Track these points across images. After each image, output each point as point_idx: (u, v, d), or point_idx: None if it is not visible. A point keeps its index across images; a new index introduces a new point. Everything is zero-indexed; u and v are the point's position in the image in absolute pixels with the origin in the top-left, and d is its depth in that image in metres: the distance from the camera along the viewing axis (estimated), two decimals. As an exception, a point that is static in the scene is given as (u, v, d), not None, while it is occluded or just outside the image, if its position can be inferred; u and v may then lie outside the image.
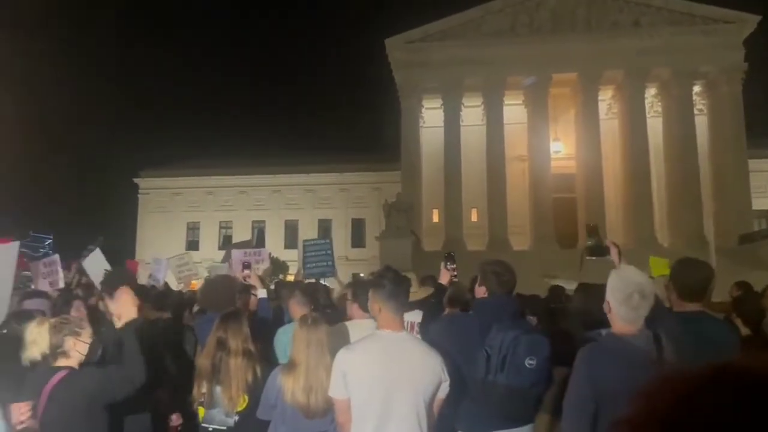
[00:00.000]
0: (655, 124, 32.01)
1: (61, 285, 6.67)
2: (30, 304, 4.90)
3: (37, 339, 3.22)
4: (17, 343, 3.26)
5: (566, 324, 4.62)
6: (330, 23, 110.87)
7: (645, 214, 29.97)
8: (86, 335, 3.35)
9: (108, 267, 6.19)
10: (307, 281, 8.32)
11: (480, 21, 31.94)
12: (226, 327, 3.91)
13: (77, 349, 3.30)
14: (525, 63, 30.43)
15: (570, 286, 8.40)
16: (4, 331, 3.76)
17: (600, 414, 2.61)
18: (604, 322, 2.97)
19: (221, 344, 3.85)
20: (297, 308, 4.88)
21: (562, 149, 33.00)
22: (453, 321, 4.20)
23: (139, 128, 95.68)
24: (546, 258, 25.07)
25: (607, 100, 33.57)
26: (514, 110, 32.94)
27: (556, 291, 7.17)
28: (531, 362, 3.32)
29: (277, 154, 46.01)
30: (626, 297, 2.76)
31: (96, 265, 6.48)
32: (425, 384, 3.02)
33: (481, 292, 3.83)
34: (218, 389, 3.82)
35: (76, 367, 3.28)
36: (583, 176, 31.42)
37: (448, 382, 3.09)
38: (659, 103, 33.12)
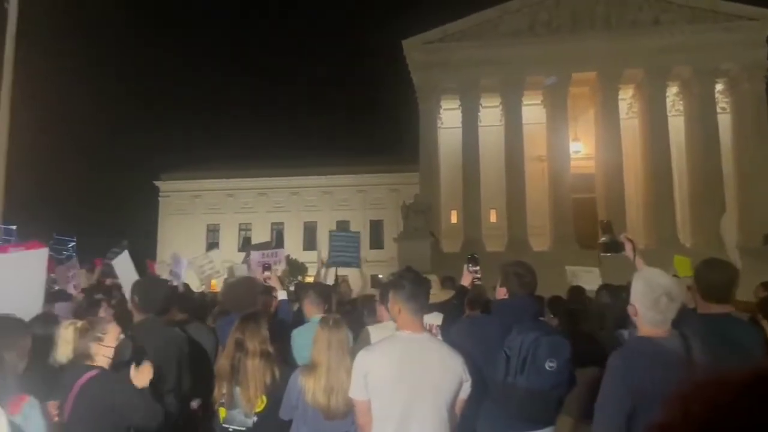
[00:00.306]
0: (676, 123, 31.59)
1: (84, 286, 6.77)
2: (57, 308, 5.02)
3: (65, 341, 3.28)
4: (46, 344, 3.32)
5: (588, 325, 4.58)
6: (347, 25, 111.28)
7: (666, 214, 29.59)
8: (110, 338, 3.40)
9: (135, 274, 6.26)
10: (325, 279, 8.33)
11: (498, 21, 31.80)
12: (244, 328, 3.94)
13: (102, 353, 3.35)
14: (544, 62, 30.22)
15: (591, 285, 8.31)
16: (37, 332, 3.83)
17: (634, 416, 2.58)
18: (625, 323, 2.94)
19: (239, 345, 3.88)
20: (311, 308, 4.90)
21: (582, 149, 32.72)
22: (474, 323, 4.19)
23: (160, 131, 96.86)
24: (566, 259, 24.78)
25: (627, 99, 33.20)
26: (533, 110, 32.73)
27: (578, 292, 7.11)
28: (551, 364, 3.29)
29: (296, 156, 46.28)
30: (654, 301, 2.72)
31: (126, 267, 6.54)
32: (446, 385, 3.01)
33: (501, 293, 3.80)
34: (237, 390, 3.85)
35: (105, 367, 3.34)
36: (603, 176, 31.12)
37: (469, 383, 3.07)
38: (680, 102, 32.68)
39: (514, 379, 3.30)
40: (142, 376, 3.36)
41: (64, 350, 3.32)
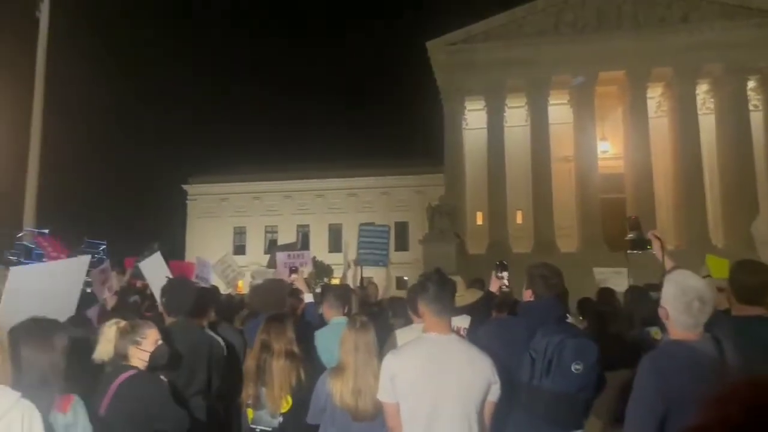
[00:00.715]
0: (707, 121, 30.93)
1: (116, 288, 6.90)
2: (89, 311, 5.15)
3: (107, 340, 3.36)
4: (80, 344, 3.40)
5: (617, 327, 4.52)
6: (371, 27, 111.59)
7: (697, 215, 29.00)
8: (148, 343, 3.46)
9: (165, 276, 6.35)
10: (354, 281, 8.34)
11: (523, 21, 31.56)
12: (270, 329, 3.99)
13: (138, 356, 3.42)
14: (570, 62, 29.89)
15: (620, 286, 8.19)
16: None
17: (668, 420, 2.54)
18: (654, 322, 2.89)
19: (265, 346, 3.93)
20: (330, 311, 4.93)
21: (610, 149, 32.27)
22: (501, 325, 4.17)
23: (188, 136, 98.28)
24: (594, 260, 24.43)
25: (656, 97, 32.64)
26: (559, 110, 32.40)
27: (607, 293, 7.01)
28: (577, 367, 3.24)
29: (321, 159, 46.59)
30: (686, 305, 2.69)
31: (155, 269, 6.62)
32: (474, 387, 3.00)
33: (527, 295, 3.77)
34: (263, 391, 3.89)
35: (142, 368, 3.41)
36: (632, 176, 30.64)
37: (498, 385, 3.06)
38: (711, 100, 31.99)
39: (540, 382, 3.27)
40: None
41: (104, 349, 3.40)
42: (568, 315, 4.59)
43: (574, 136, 31.79)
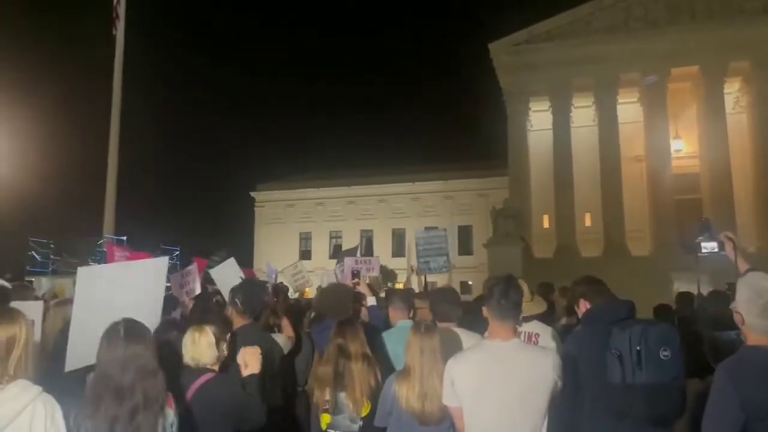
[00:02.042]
0: (791, 117, 29.08)
1: (198, 291, 7.13)
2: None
3: (198, 345, 3.46)
4: (167, 347, 3.49)
5: (697, 332, 4.32)
6: (433, 30, 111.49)
7: (782, 215, 27.32)
8: (228, 344, 3.61)
9: (242, 275, 6.51)
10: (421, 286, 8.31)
11: (589, 18, 30.72)
12: (345, 333, 4.02)
13: (222, 357, 3.55)
14: (640, 59, 28.84)
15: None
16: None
17: (747, 430, 2.41)
18: (729, 327, 2.74)
19: (342, 350, 3.95)
20: (395, 314, 4.93)
21: (684, 147, 30.88)
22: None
23: (255, 144, 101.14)
24: (669, 264, 23.42)
25: (733, 93, 31.00)
26: (629, 108, 31.32)
27: (685, 298, 6.68)
28: (665, 353, 3.03)
29: (383, 164, 46.95)
30: (762, 308, 2.55)
31: (228, 275, 6.79)
32: (536, 390, 2.96)
33: (584, 306, 3.70)
34: (341, 395, 3.92)
35: (217, 371, 3.51)
36: (709, 175, 29.18)
37: (560, 382, 2.99)
38: (795, 94, 30.08)
39: (633, 378, 3.03)
40: (252, 361, 3.53)
41: (197, 353, 3.47)
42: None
43: (645, 135, 30.65)
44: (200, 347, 3.48)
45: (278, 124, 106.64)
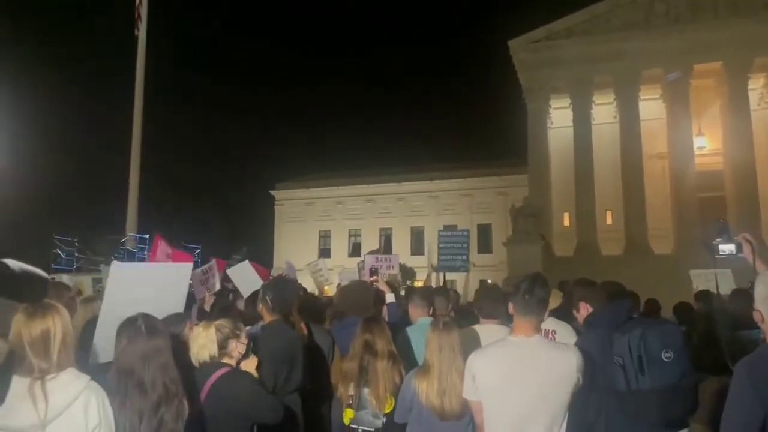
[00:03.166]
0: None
1: (218, 287, 7.26)
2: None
3: (204, 341, 3.52)
4: (180, 342, 3.56)
5: (717, 330, 4.29)
6: (452, 28, 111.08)
7: (809, 213, 26.78)
8: (243, 337, 3.65)
9: (256, 281, 6.59)
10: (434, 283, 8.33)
11: (609, 15, 30.37)
12: (372, 330, 4.07)
13: (238, 350, 3.59)
14: (662, 55, 28.45)
15: (723, 289, 7.72)
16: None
17: (766, 429, 2.39)
18: (749, 325, 2.72)
19: (368, 347, 4.00)
20: (415, 311, 4.96)
21: (707, 144, 30.41)
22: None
23: (274, 143, 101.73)
24: (692, 263, 23.09)
25: (758, 89, 30.46)
26: (651, 105, 30.91)
27: (704, 297, 6.63)
28: (668, 355, 3.04)
29: (401, 163, 46.96)
30: None
31: (244, 275, 6.90)
32: (558, 387, 2.96)
33: (585, 308, 3.73)
34: (365, 391, 3.97)
35: (235, 365, 3.57)
36: (733, 173, 28.71)
37: (582, 378, 2.98)
38: (823, 89, 29.48)
39: (638, 384, 3.07)
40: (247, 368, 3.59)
41: (204, 349, 3.52)
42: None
43: (667, 132, 30.22)
44: (197, 344, 3.51)
45: (298, 123, 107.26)
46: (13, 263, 3.12)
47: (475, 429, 3.25)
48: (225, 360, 3.52)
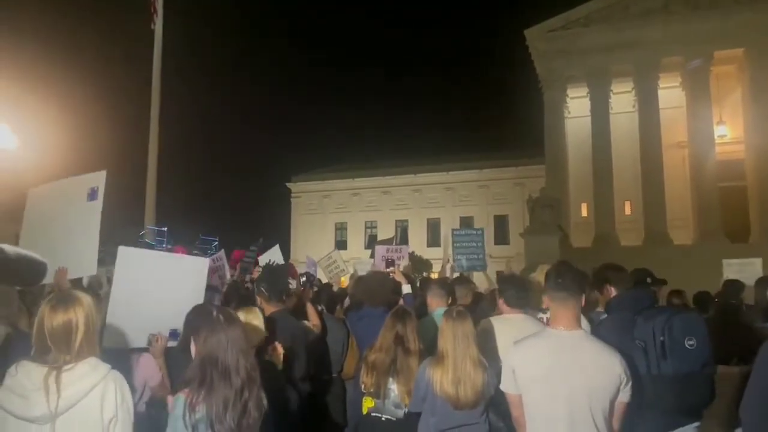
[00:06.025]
0: (844, 99, 27.78)
1: (228, 278, 7.30)
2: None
3: (258, 322, 3.58)
4: None
5: (744, 320, 4.22)
6: (468, 18, 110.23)
7: (834, 202, 26.21)
8: (260, 325, 3.74)
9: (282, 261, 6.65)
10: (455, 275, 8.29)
11: (627, 2, 29.85)
12: (404, 322, 4.07)
13: (257, 339, 3.66)
14: (682, 42, 27.94)
15: (750, 278, 7.58)
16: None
17: None
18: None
19: (400, 339, 4.00)
20: (434, 301, 4.95)
21: (728, 133, 29.85)
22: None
23: (290, 136, 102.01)
24: (713, 253, 22.79)
25: (781, 75, 29.79)
26: (670, 93, 30.41)
27: (733, 286, 6.47)
28: (691, 342, 3.01)
29: (417, 154, 46.87)
30: None
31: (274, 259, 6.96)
32: (601, 386, 2.84)
33: (609, 293, 3.69)
34: (391, 381, 3.97)
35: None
36: (755, 162, 28.17)
37: (630, 384, 2.87)
38: None
39: (659, 369, 3.04)
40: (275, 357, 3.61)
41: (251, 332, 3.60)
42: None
43: (687, 121, 29.72)
44: (251, 327, 3.61)
45: (314, 115, 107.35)
46: (10, 248, 3.13)
47: (513, 422, 3.15)
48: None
